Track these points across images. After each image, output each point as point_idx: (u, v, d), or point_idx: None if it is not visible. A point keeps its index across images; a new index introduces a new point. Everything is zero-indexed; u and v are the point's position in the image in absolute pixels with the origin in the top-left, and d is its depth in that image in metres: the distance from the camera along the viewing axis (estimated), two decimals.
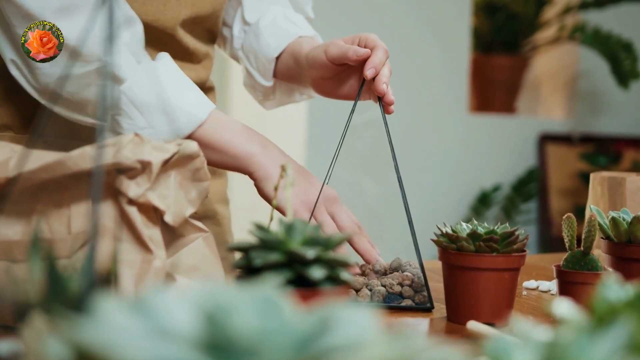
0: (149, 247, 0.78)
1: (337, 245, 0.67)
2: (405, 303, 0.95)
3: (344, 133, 1.04)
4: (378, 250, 1.02)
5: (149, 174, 0.79)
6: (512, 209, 3.01)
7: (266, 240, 0.65)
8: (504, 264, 0.87)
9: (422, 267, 0.96)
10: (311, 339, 0.34)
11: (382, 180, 1.02)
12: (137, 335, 0.33)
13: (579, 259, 0.90)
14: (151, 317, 0.34)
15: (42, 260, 0.47)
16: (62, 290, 0.46)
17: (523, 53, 3.22)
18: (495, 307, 0.88)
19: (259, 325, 0.33)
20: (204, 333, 0.33)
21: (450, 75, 2.95)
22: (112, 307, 0.35)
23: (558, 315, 0.49)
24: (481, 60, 3.21)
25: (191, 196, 0.84)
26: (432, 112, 2.92)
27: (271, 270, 0.64)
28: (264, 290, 0.38)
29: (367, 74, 1.02)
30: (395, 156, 1.01)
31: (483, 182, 3.00)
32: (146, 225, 0.79)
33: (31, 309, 0.46)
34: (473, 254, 0.87)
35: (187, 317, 0.34)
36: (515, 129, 3.11)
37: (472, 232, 0.87)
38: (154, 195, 0.79)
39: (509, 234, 0.88)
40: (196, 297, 0.36)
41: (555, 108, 3.32)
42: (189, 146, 0.83)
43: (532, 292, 1.09)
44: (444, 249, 0.89)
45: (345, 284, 0.66)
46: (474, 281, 0.87)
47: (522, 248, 0.90)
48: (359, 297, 0.95)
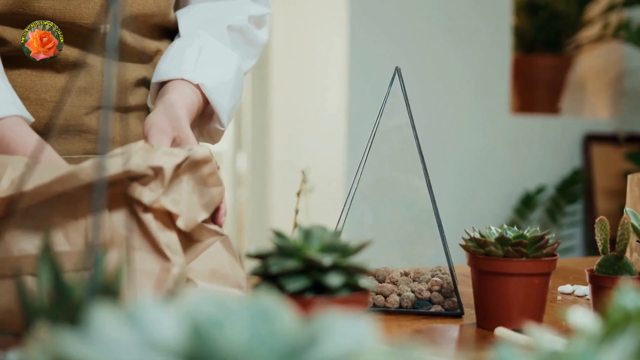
0: (166, 255, 0.78)
1: (357, 252, 0.66)
2: (434, 309, 0.94)
3: (371, 137, 1.03)
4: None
5: (161, 179, 0.79)
6: (556, 211, 2.96)
7: (283, 247, 0.65)
8: (533, 268, 0.85)
9: (452, 273, 0.94)
10: (299, 352, 0.33)
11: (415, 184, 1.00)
12: (121, 347, 0.32)
13: (612, 263, 0.88)
14: (139, 328, 0.34)
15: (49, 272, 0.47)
16: (66, 301, 0.46)
17: (566, 52, 3.17)
18: (525, 313, 0.86)
19: (244, 337, 0.32)
20: (190, 345, 0.32)
21: (492, 76, 2.92)
22: (102, 318, 0.34)
23: (573, 323, 0.47)
24: (523, 60, 3.16)
25: (204, 201, 0.84)
26: (474, 113, 2.89)
27: (288, 277, 0.63)
28: (259, 300, 0.37)
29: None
30: (424, 160, 0.99)
31: (527, 184, 2.96)
32: (162, 231, 0.79)
33: (37, 319, 0.46)
34: (501, 259, 0.85)
35: (174, 328, 0.34)
36: (559, 129, 3.06)
37: (500, 237, 0.86)
38: (167, 200, 0.79)
39: (538, 238, 0.86)
40: (187, 308, 0.35)
41: (600, 108, 3.26)
42: (199, 151, 0.83)
43: (567, 297, 1.06)
44: (472, 253, 0.88)
45: (364, 291, 0.65)
46: (503, 287, 0.86)
47: (553, 252, 0.87)
48: (388, 303, 0.94)
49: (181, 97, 1.00)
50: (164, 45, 1.09)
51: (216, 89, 1.03)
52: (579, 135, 3.07)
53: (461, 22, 2.84)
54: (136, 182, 0.78)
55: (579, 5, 3.10)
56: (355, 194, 1.11)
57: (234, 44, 1.09)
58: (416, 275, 1.02)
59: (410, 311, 0.94)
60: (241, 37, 1.10)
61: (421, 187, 1.04)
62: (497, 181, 2.92)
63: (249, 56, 1.12)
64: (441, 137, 2.81)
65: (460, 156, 2.85)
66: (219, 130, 1.09)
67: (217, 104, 1.03)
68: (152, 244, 0.78)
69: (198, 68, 1.02)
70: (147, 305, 0.35)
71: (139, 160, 0.77)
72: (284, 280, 0.63)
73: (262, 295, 0.37)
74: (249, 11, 1.11)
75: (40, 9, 0.94)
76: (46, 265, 0.47)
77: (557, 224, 2.95)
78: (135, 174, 0.77)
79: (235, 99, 1.08)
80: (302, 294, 0.63)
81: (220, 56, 1.06)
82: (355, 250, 0.66)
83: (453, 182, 2.82)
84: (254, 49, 1.13)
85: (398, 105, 1.11)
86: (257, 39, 1.13)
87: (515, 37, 3.12)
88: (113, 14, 0.46)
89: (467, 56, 2.86)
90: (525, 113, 3.14)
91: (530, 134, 3.00)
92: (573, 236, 3.01)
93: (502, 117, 2.93)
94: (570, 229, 3.00)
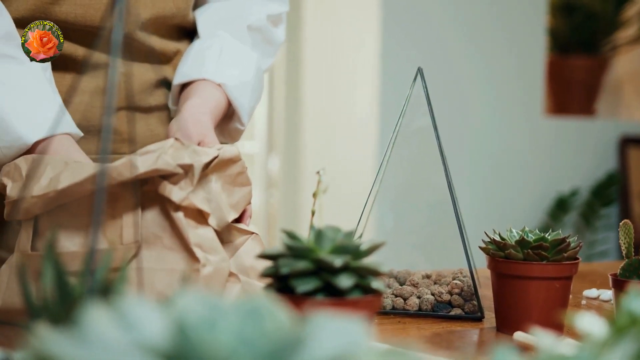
0: (196, 255, 0.78)
1: (369, 254, 0.66)
2: (454, 312, 0.93)
3: (392, 139, 1.02)
4: None
5: (191, 178, 0.79)
6: (591, 214, 2.92)
7: (295, 247, 0.64)
8: (553, 272, 0.84)
9: (472, 275, 0.93)
10: (286, 353, 0.32)
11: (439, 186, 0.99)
12: (107, 347, 0.32)
13: (636, 267, 0.86)
14: (128, 328, 0.34)
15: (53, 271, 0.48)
16: (67, 300, 0.46)
17: (602, 53, 3.12)
18: (546, 317, 0.84)
19: (230, 338, 0.32)
20: (176, 345, 0.32)
21: (526, 78, 2.88)
22: (93, 318, 0.34)
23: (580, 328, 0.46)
24: (558, 62, 3.12)
25: (233, 200, 0.84)
26: (507, 115, 2.86)
27: (299, 279, 0.63)
28: (252, 301, 0.37)
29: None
30: (445, 162, 0.98)
31: (561, 187, 2.92)
32: (195, 229, 0.79)
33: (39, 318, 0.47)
34: (521, 262, 0.84)
35: (163, 329, 0.34)
36: (595, 131, 3.01)
37: (520, 239, 0.84)
38: (198, 199, 0.79)
39: (559, 242, 0.84)
40: (178, 308, 0.35)
41: (636, 109, 3.21)
42: (229, 150, 0.83)
43: (592, 302, 1.04)
44: (491, 256, 0.87)
45: (376, 293, 0.64)
46: (523, 290, 0.84)
47: (574, 256, 0.86)
48: (407, 305, 0.93)
49: (205, 100, 1.00)
50: (184, 46, 1.10)
51: (237, 88, 1.04)
52: (614, 137, 3.03)
53: (495, 23, 2.81)
54: (166, 180, 0.78)
55: (615, 6, 3.05)
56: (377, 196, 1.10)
57: (254, 43, 1.10)
58: (438, 277, 1.01)
59: (430, 314, 0.93)
60: (260, 36, 1.10)
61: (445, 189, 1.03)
62: (531, 184, 2.89)
63: (268, 55, 1.13)
64: (475, 138, 2.78)
65: (494, 158, 2.82)
66: (239, 130, 1.09)
67: (238, 103, 1.04)
68: (183, 244, 0.79)
69: (219, 68, 1.03)
70: (137, 306, 0.35)
71: (169, 159, 0.78)
72: (294, 282, 0.63)
73: (257, 296, 0.37)
74: (267, 10, 1.11)
75: (62, 13, 0.96)
76: (49, 264, 0.48)
77: (592, 227, 2.91)
78: (165, 172, 0.78)
79: (255, 98, 1.08)
80: (312, 296, 0.63)
81: (241, 56, 1.07)
82: (367, 252, 0.65)
83: (486, 185, 2.79)
84: (272, 48, 1.13)
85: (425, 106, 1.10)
86: (275, 38, 1.13)
87: (551, 38, 3.08)
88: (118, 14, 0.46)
89: (502, 57, 2.83)
90: (560, 115, 3.10)
91: (565, 136, 2.96)
92: (608, 240, 2.96)
93: (537, 119, 2.90)
94: (605, 233, 2.96)
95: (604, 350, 0.38)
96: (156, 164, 0.77)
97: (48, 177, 0.79)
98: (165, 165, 0.78)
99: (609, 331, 0.44)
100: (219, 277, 0.79)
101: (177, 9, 1.05)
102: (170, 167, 0.78)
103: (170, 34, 1.08)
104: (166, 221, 0.80)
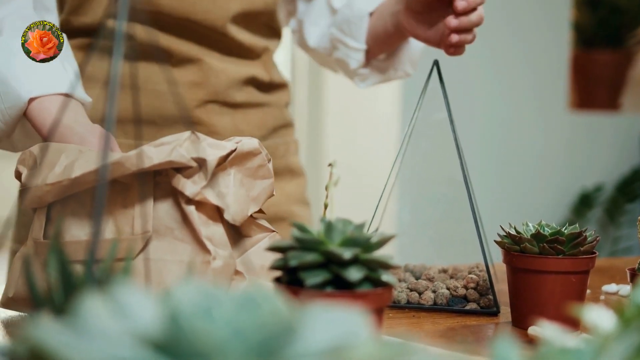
0: (207, 248, 0.78)
1: (379, 246, 0.65)
2: (469, 307, 0.92)
3: (408, 132, 1.01)
4: None
5: (205, 172, 0.79)
6: (615, 210, 2.89)
7: (304, 240, 0.64)
8: (570, 266, 0.83)
9: (488, 270, 0.92)
10: (278, 344, 0.32)
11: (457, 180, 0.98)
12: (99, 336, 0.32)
13: None
14: (122, 318, 0.34)
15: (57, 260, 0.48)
16: (70, 290, 0.46)
17: (627, 47, 3.08)
18: (562, 312, 0.83)
19: (222, 328, 0.32)
20: (167, 334, 0.32)
21: (550, 72, 2.86)
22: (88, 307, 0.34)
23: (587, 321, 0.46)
24: (583, 56, 3.09)
25: (254, 194, 0.83)
26: (531, 109, 2.83)
27: (308, 271, 0.62)
28: (250, 291, 0.36)
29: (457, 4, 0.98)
30: (462, 155, 0.97)
31: (585, 182, 2.89)
32: (206, 224, 0.79)
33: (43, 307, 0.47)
34: (537, 256, 0.83)
35: (156, 318, 0.34)
36: (620, 126, 2.98)
37: (536, 233, 0.83)
38: (212, 194, 0.79)
39: (576, 235, 0.83)
40: (173, 298, 0.35)
41: None
42: (248, 143, 0.83)
43: (611, 297, 1.03)
44: (507, 250, 0.86)
45: (386, 286, 0.64)
46: (539, 285, 0.83)
47: (591, 250, 0.85)
48: (422, 300, 0.93)
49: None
50: (273, 45, 1.15)
51: None
52: (639, 132, 2.99)
53: (519, 17, 2.79)
54: (180, 173, 0.78)
55: None
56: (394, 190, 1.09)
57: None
58: (454, 272, 1.00)
59: (445, 308, 0.92)
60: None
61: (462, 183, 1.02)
62: (555, 179, 2.87)
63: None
64: (498, 133, 2.76)
65: (517, 153, 2.80)
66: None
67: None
68: (194, 236, 0.78)
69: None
70: (133, 295, 0.35)
71: (184, 152, 0.77)
72: (303, 274, 0.62)
73: (255, 285, 0.37)
74: None
75: (159, 5, 1.02)
76: (54, 254, 0.48)
77: (616, 223, 2.88)
78: (178, 165, 0.77)
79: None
80: (321, 288, 0.62)
81: None
82: (377, 245, 0.65)
83: (509, 180, 2.77)
84: None
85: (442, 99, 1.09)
86: None
87: (575, 32, 3.05)
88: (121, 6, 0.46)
89: (525, 51, 2.81)
90: (584, 110, 3.07)
91: (589, 131, 2.93)
92: (632, 236, 2.93)
93: (560, 114, 2.87)
94: (629, 229, 2.93)
95: (609, 342, 0.37)
96: (170, 156, 0.77)
97: (62, 165, 0.79)
98: (179, 157, 0.77)
99: (617, 324, 0.43)
100: (227, 272, 0.79)
101: (265, 5, 1.09)
102: (184, 160, 0.77)
103: (259, 31, 1.12)
104: (178, 213, 0.80)
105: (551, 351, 0.36)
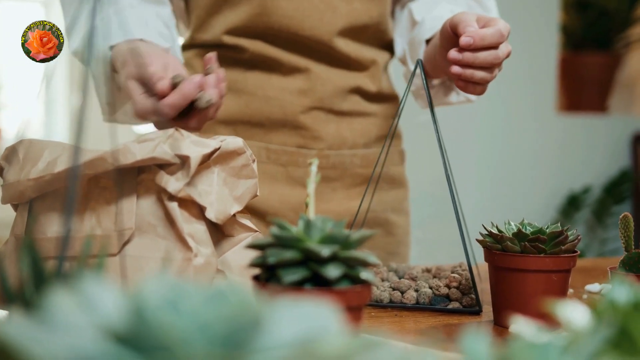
0: (189, 245, 0.78)
1: (358, 244, 0.65)
2: (452, 306, 0.92)
3: (391, 132, 1.01)
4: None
5: (187, 169, 0.78)
6: (603, 211, 2.90)
7: (283, 237, 0.64)
8: (551, 265, 0.83)
9: (470, 269, 0.92)
10: (243, 338, 0.32)
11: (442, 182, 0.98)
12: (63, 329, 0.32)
13: (635, 260, 0.85)
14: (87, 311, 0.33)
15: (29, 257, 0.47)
16: (41, 286, 0.46)
17: (615, 50, 3.10)
18: (543, 310, 0.83)
19: (186, 321, 0.32)
20: (131, 327, 0.32)
21: (538, 74, 2.87)
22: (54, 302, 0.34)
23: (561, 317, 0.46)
24: (571, 58, 3.10)
25: (237, 193, 0.83)
26: (520, 111, 2.84)
27: (286, 269, 0.62)
28: (220, 285, 0.36)
29: (461, 40, 0.96)
30: (445, 155, 0.97)
31: (573, 184, 2.90)
32: (188, 221, 0.79)
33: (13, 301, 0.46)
34: (518, 255, 0.83)
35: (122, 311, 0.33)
36: (607, 128, 2.99)
37: (517, 232, 0.83)
38: (195, 192, 0.79)
39: (557, 234, 0.83)
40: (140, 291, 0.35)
41: None
42: (232, 142, 0.82)
43: (594, 296, 1.03)
44: (488, 249, 0.86)
45: (365, 284, 0.64)
46: (520, 283, 0.83)
47: (572, 249, 0.85)
48: (405, 299, 0.92)
49: None
50: (381, 57, 1.19)
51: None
52: (627, 134, 3.00)
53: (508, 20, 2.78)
54: (163, 170, 0.78)
55: (629, 2, 3.03)
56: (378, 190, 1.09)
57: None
58: (437, 272, 1.00)
59: (428, 307, 0.92)
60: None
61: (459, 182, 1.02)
62: (543, 181, 2.87)
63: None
64: (486, 135, 2.77)
65: (505, 155, 2.81)
66: None
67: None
68: (176, 233, 0.78)
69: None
70: (100, 288, 0.35)
71: (167, 148, 0.77)
72: (281, 272, 0.62)
73: (226, 280, 0.36)
74: None
75: (270, 22, 1.11)
76: (26, 249, 0.47)
77: (603, 224, 2.89)
78: (162, 162, 0.77)
79: None
80: (300, 286, 0.62)
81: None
82: (356, 243, 0.65)
83: (497, 182, 2.78)
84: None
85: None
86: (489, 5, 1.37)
87: (564, 35, 3.06)
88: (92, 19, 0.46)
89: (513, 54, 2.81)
90: (572, 112, 3.08)
91: (578, 133, 2.94)
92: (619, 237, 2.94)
93: (549, 116, 2.88)
94: (617, 230, 2.93)
95: (580, 338, 0.37)
96: (154, 152, 0.77)
97: (46, 160, 0.79)
98: (162, 154, 0.77)
99: (590, 319, 0.43)
100: (208, 270, 0.79)
101: (369, 19, 1.15)
102: (168, 157, 0.77)
103: (367, 44, 1.17)
104: (161, 211, 0.79)
105: (520, 346, 0.36)
